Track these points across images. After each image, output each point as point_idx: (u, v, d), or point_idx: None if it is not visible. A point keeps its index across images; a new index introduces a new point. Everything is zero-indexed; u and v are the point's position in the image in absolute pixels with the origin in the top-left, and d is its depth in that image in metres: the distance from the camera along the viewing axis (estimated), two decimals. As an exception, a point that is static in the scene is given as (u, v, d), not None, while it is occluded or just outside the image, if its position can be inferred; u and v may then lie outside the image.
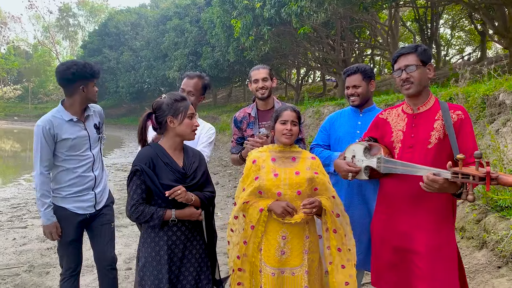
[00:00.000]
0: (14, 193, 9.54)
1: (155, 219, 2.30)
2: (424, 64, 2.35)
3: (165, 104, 2.40)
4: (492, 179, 1.87)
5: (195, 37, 24.70)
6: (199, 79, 3.20)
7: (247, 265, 2.56)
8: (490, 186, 1.89)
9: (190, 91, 3.16)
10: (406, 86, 2.37)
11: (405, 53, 2.39)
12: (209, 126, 3.28)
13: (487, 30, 15.60)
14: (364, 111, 3.01)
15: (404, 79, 2.36)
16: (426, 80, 2.37)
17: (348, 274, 2.50)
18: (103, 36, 41.42)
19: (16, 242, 5.74)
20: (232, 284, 2.60)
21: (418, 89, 2.35)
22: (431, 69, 2.39)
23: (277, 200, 2.47)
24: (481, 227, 3.95)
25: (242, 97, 31.45)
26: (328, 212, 2.49)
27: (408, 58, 2.37)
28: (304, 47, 17.18)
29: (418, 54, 2.35)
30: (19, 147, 23.93)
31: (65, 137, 2.84)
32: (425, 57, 2.36)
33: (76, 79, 2.83)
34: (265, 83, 3.23)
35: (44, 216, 2.85)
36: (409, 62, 2.35)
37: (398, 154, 2.42)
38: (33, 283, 4.32)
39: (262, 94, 3.24)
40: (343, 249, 2.53)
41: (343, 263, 2.52)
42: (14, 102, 57.98)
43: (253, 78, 3.27)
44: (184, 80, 3.21)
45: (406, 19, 21.67)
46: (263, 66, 3.35)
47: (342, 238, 2.54)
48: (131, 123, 38.81)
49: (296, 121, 2.57)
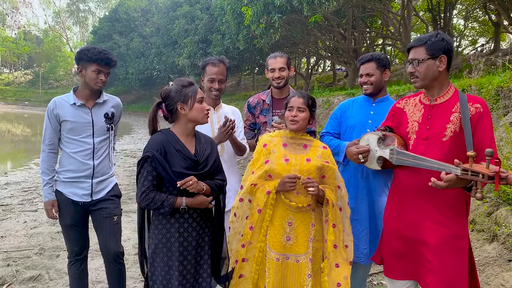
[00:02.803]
0: (25, 177, 9.65)
1: (165, 207, 2.28)
2: (433, 57, 2.26)
3: (173, 91, 2.37)
4: (501, 179, 1.83)
5: (205, 24, 24.57)
6: (223, 63, 3.09)
7: (252, 252, 2.53)
8: (499, 186, 1.86)
9: (221, 79, 3.05)
10: (413, 80, 2.34)
11: (415, 45, 2.32)
12: (236, 111, 3.24)
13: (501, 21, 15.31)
14: (377, 101, 2.94)
15: (409, 72, 2.32)
16: (434, 73, 2.28)
17: (343, 276, 2.48)
18: (113, 22, 41.34)
19: (27, 225, 5.83)
20: (234, 278, 2.56)
21: (423, 83, 2.30)
22: (443, 61, 2.27)
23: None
24: (492, 220, 3.91)
25: (251, 85, 31.31)
26: (331, 203, 2.47)
27: (416, 51, 2.31)
28: (314, 35, 17.01)
29: (427, 47, 2.27)
30: (30, 131, 24.15)
31: (65, 119, 2.87)
32: (435, 49, 2.26)
33: (78, 61, 2.87)
34: (281, 73, 3.19)
35: (43, 192, 2.94)
36: (415, 56, 2.30)
37: (412, 145, 2.38)
38: (44, 265, 4.38)
39: (278, 83, 3.21)
40: (340, 246, 2.51)
41: (338, 261, 2.50)
42: (24, 87, 58.36)
43: (270, 66, 3.22)
44: (209, 68, 3.05)
45: (419, 9, 21.32)
46: (281, 54, 3.27)
47: (340, 233, 2.53)
48: (140, 110, 38.94)
49: (302, 107, 2.53)
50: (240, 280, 2.55)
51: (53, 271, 4.25)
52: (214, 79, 3.03)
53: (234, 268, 2.57)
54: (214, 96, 3.07)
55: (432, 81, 2.30)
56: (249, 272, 2.53)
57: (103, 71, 2.87)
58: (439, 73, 2.28)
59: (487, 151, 1.86)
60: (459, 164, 1.95)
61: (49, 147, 2.92)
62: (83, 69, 2.86)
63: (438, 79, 2.30)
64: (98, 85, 2.88)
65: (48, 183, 2.92)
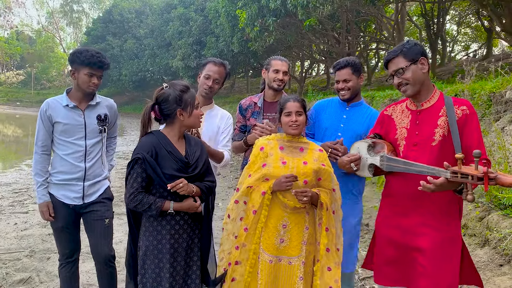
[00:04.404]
0: (16, 178, 9.56)
1: (153, 210, 2.28)
2: (414, 62, 2.29)
3: (173, 96, 2.35)
4: (490, 179, 1.84)
5: (200, 26, 24.52)
6: (224, 67, 3.16)
7: (245, 255, 2.52)
8: (488, 186, 1.86)
9: (216, 78, 3.11)
10: (403, 89, 2.33)
11: (391, 58, 2.35)
12: (226, 115, 3.23)
13: (494, 27, 15.45)
14: (351, 105, 3.01)
15: (397, 84, 2.32)
16: (421, 76, 2.30)
17: (334, 279, 2.48)
18: (107, 23, 41.12)
19: (17, 227, 5.76)
20: (227, 281, 2.55)
21: (414, 88, 2.31)
22: (424, 63, 2.31)
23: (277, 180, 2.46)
24: (484, 224, 3.93)
25: (245, 88, 31.27)
26: (325, 207, 2.48)
27: (395, 63, 2.33)
28: (309, 39, 17.06)
29: (404, 55, 2.30)
30: (21, 132, 23.94)
31: (57, 120, 2.85)
32: (413, 54, 2.29)
33: (72, 63, 2.85)
34: (284, 77, 3.24)
35: (37, 194, 2.91)
36: (396, 67, 2.31)
37: (403, 151, 2.39)
38: (34, 268, 4.34)
39: (278, 85, 3.23)
40: (332, 250, 2.52)
41: (330, 265, 2.50)
42: (16, 88, 57.81)
43: (274, 67, 3.23)
44: (209, 66, 3.13)
45: (413, 14, 21.45)
46: (285, 59, 3.34)
47: (333, 237, 2.53)
48: (134, 112, 38.74)
49: (301, 111, 2.54)
50: (233, 283, 2.54)
51: (44, 274, 4.20)
52: (210, 76, 3.08)
53: (227, 271, 2.56)
54: (204, 93, 3.11)
55: (421, 85, 2.31)
56: (242, 276, 2.52)
57: (95, 74, 2.86)
58: (424, 75, 2.31)
59: (475, 153, 1.86)
60: (449, 167, 1.96)
61: (42, 149, 2.89)
62: (76, 71, 2.85)
63: (424, 83, 2.33)
64: (91, 88, 2.87)
65: (42, 184, 2.90)
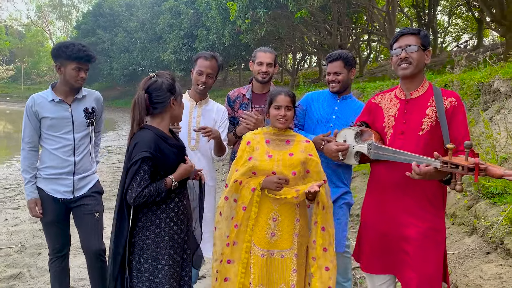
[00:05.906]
0: (6, 174, 9.50)
1: (161, 193, 2.26)
2: (423, 49, 2.33)
3: (166, 84, 2.34)
4: (480, 170, 1.87)
5: (191, 19, 24.36)
6: (215, 60, 3.10)
7: (237, 254, 2.52)
8: (478, 177, 1.89)
9: (209, 73, 3.07)
10: (404, 66, 2.32)
11: (407, 33, 2.37)
12: (222, 109, 3.23)
13: (484, 18, 15.51)
14: (342, 98, 3.03)
15: (403, 57, 2.32)
16: (422, 64, 2.35)
17: (329, 277, 2.48)
18: (97, 17, 40.68)
19: (8, 222, 5.73)
20: (219, 280, 2.54)
21: (415, 70, 2.33)
22: (428, 55, 2.37)
23: (267, 176, 2.46)
24: (471, 213, 3.98)
25: (238, 81, 31.19)
26: (321, 206, 2.47)
27: (410, 38, 2.34)
28: (300, 31, 17.01)
29: (420, 37, 2.34)
30: (12, 128, 23.70)
31: (44, 116, 2.82)
32: (425, 42, 2.35)
33: (56, 58, 2.81)
34: (269, 69, 3.20)
35: (26, 190, 2.90)
36: (411, 42, 2.33)
37: (389, 140, 2.40)
38: (25, 263, 4.32)
39: (263, 78, 3.21)
40: (329, 249, 2.51)
41: (327, 264, 2.49)
42: (6, 83, 57.18)
43: (258, 59, 3.21)
44: (200, 61, 3.08)
45: (404, 5, 21.46)
46: (271, 50, 3.30)
47: (330, 236, 2.51)
48: (125, 106, 38.43)
49: (290, 106, 2.53)
50: (226, 283, 2.53)
51: (34, 269, 4.19)
52: (202, 72, 3.05)
53: (218, 270, 2.56)
54: (199, 90, 3.08)
55: (418, 71, 2.34)
56: (235, 275, 2.52)
57: (83, 68, 2.84)
58: (424, 65, 2.36)
59: (466, 143, 1.89)
60: (439, 157, 1.98)
61: (29, 145, 2.87)
62: (61, 66, 2.81)
63: (421, 71, 2.37)
64: (79, 83, 2.85)
65: (30, 181, 2.88)
